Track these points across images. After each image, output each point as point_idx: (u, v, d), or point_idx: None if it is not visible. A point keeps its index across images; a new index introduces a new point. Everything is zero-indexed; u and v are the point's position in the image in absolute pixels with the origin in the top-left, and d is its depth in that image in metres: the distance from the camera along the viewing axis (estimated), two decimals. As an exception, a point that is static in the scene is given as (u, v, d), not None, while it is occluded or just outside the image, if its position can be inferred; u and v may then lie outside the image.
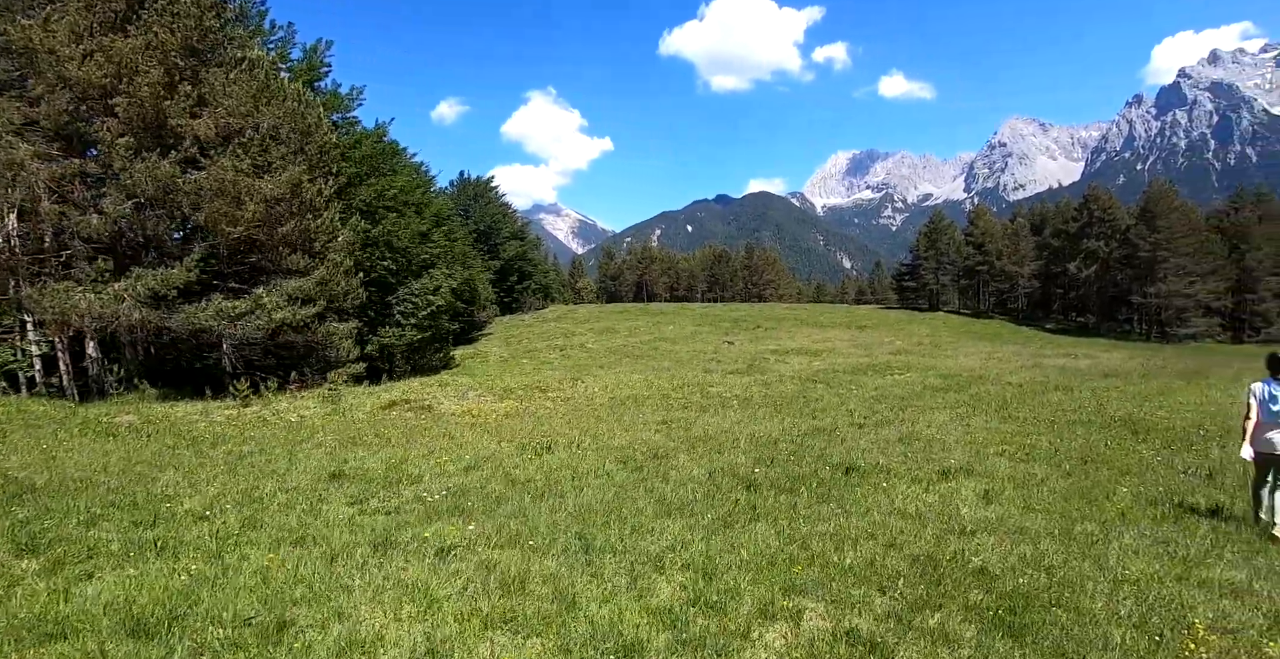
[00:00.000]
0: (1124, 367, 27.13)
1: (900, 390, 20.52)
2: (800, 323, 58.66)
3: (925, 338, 46.67)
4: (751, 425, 13.25)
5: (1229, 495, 7.74)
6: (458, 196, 71.01)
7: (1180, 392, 18.64)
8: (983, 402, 17.71)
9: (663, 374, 25.28)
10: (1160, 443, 11.18)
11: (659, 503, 7.23)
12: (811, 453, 10.04)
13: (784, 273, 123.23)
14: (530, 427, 14.23)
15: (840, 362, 31.22)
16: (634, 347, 43.54)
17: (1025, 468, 9.08)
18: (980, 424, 13.48)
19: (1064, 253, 69.41)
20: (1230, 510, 7.06)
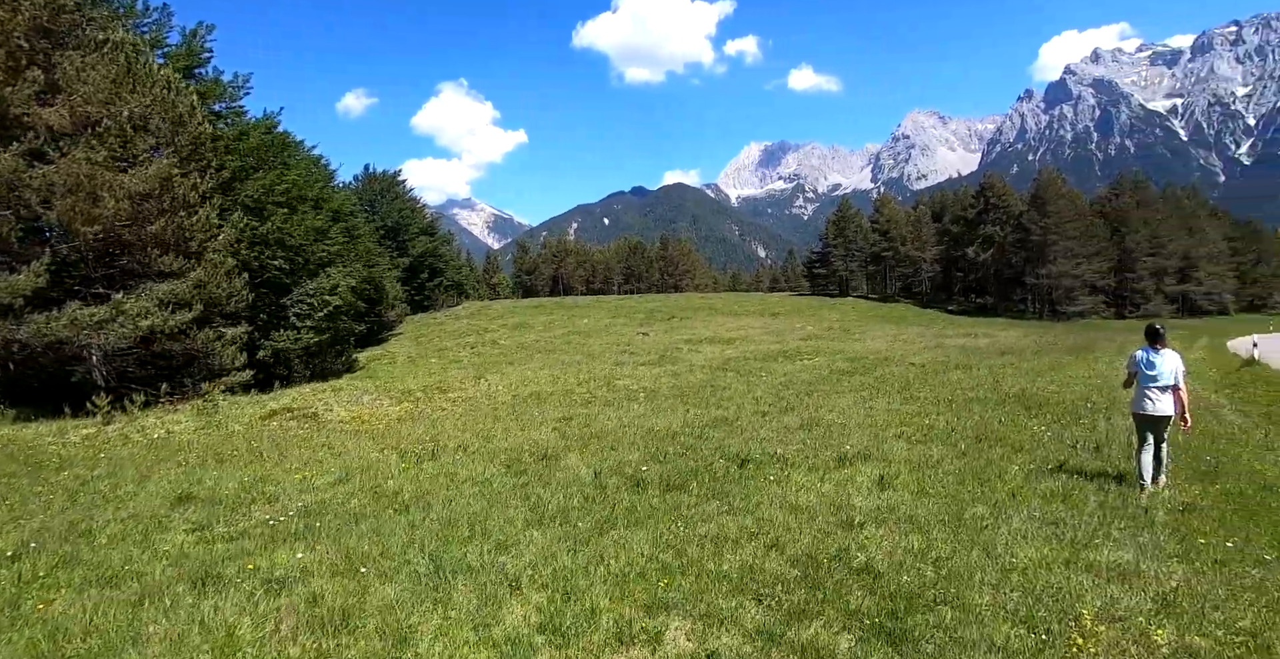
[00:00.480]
0: (1019, 344, 28.17)
1: (808, 375, 20.52)
2: (715, 312, 58.94)
3: (835, 323, 47.58)
4: (653, 419, 12.77)
5: (1115, 467, 7.72)
6: (363, 191, 67.96)
7: (1070, 366, 19.30)
8: (886, 383, 17.83)
9: (571, 368, 24.62)
10: (1051, 417, 11.31)
11: (533, 511, 6.60)
12: (709, 445, 9.61)
13: (699, 263, 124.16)
14: (421, 431, 13.34)
15: (752, 349, 31.27)
16: (547, 341, 42.63)
17: (922, 449, 8.89)
18: (882, 406, 13.43)
19: (963, 238, 72.31)
20: (1116, 483, 6.99)
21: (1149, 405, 6.83)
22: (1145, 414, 6.86)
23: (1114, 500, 6.39)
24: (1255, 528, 5.92)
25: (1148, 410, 6.84)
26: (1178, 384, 6.78)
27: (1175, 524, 5.82)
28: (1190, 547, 5.26)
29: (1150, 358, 6.86)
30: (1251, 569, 4.87)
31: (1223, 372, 23.58)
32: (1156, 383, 6.79)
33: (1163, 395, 6.80)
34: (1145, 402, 6.86)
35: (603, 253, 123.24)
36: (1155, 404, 6.81)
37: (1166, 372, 6.78)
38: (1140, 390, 6.94)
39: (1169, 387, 6.79)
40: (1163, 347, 6.92)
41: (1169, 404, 6.81)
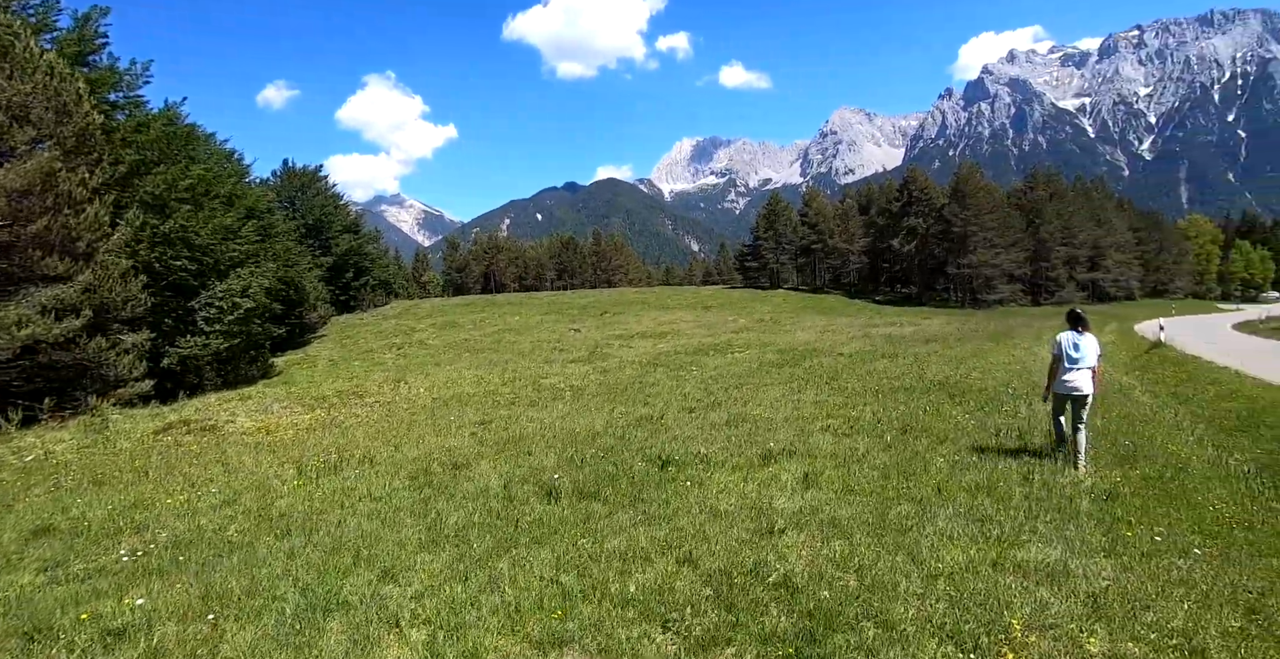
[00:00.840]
0: (943, 332, 28.77)
1: (738, 369, 20.34)
2: (648, 306, 58.72)
3: (767, 315, 47.93)
4: (576, 420, 12.26)
5: (1038, 454, 7.62)
6: (282, 188, 64.82)
7: (991, 352, 19.64)
8: (815, 374, 17.77)
9: (498, 368, 23.87)
10: (974, 404, 11.29)
11: (430, 530, 6.00)
12: (630, 447, 9.16)
13: (633, 257, 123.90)
14: (329, 441, 12.48)
15: (684, 343, 31.06)
16: (476, 340, 41.54)
17: (849, 443, 8.65)
18: (810, 398, 13.25)
19: (888, 230, 73.98)
20: (1041, 472, 6.84)
21: (1072, 384, 7.23)
22: (1068, 394, 7.28)
23: (1039, 491, 6.22)
24: (1177, 514, 5.83)
25: (1069, 389, 7.24)
26: (1097, 366, 7.31)
27: (1100, 514, 5.66)
28: (1117, 539, 5.07)
29: (1075, 341, 7.27)
30: (1178, 560, 4.69)
31: (1132, 354, 24.57)
32: (1079, 364, 7.21)
33: (1084, 374, 7.24)
34: (1069, 381, 7.24)
35: (535, 249, 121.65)
36: (1077, 383, 7.22)
37: (1089, 353, 7.23)
38: (1063, 372, 7.31)
39: (1090, 367, 7.25)
40: (1085, 330, 7.36)
41: (1089, 383, 7.25)
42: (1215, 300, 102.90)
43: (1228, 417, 11.80)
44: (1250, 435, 10.45)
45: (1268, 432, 10.23)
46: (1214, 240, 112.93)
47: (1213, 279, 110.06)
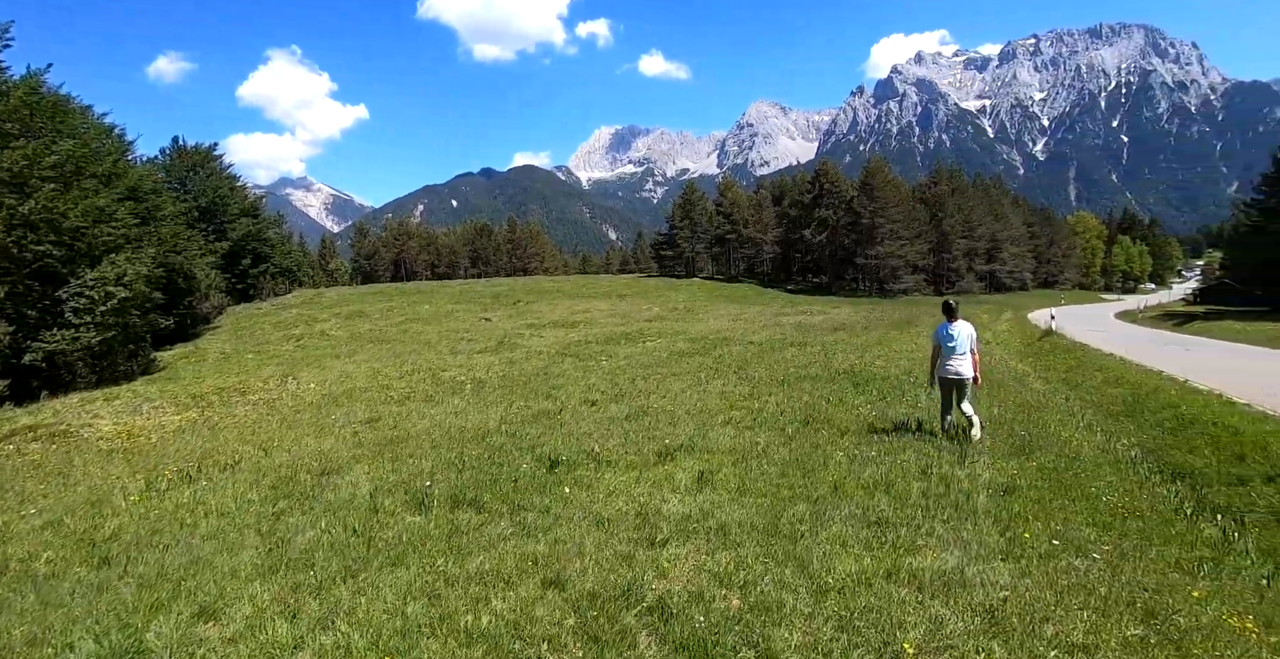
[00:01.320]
0: (850, 320, 29.25)
1: (648, 358, 19.95)
2: (562, 295, 57.85)
3: (681, 303, 47.92)
4: (471, 416, 11.53)
5: (937, 445, 7.44)
6: (171, 168, 60.06)
7: (895, 340, 19.91)
8: (724, 363, 17.55)
9: (399, 360, 22.71)
10: (877, 393, 11.20)
11: (272, 552, 5.23)
12: (522, 445, 8.54)
13: (549, 245, 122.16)
14: (194, 445, 11.32)
15: (596, 332, 30.50)
16: (382, 330, 39.75)
17: (750, 437, 8.29)
18: (717, 388, 12.94)
19: (800, 221, 75.38)
20: (939, 464, 6.64)
21: (951, 369, 7.70)
22: (949, 378, 7.75)
23: (936, 487, 5.96)
24: (1072, 506, 5.69)
25: (950, 374, 7.71)
26: (972, 349, 7.73)
27: (998, 511, 5.43)
28: (1014, 539, 4.82)
29: (949, 330, 7.71)
30: (1076, 561, 4.47)
31: (1026, 342, 25.59)
32: (957, 351, 7.67)
33: (963, 360, 7.69)
34: (948, 366, 7.73)
35: (448, 236, 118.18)
36: (957, 368, 7.69)
37: (963, 340, 7.68)
38: (943, 358, 7.77)
39: (967, 352, 7.69)
40: (957, 319, 7.79)
41: (968, 367, 7.70)
42: (1099, 291, 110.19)
43: (1114, 402, 12.17)
44: (1135, 420, 10.75)
45: (1150, 416, 10.54)
46: (1099, 236, 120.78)
47: (1097, 272, 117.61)
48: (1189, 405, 10.29)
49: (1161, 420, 10.15)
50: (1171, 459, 8.50)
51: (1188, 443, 8.89)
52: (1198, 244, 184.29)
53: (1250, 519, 6.42)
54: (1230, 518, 6.36)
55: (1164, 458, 8.69)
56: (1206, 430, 8.98)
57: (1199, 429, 9.15)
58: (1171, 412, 10.29)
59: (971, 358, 7.72)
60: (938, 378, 7.93)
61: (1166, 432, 9.63)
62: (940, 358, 7.85)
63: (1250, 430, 8.41)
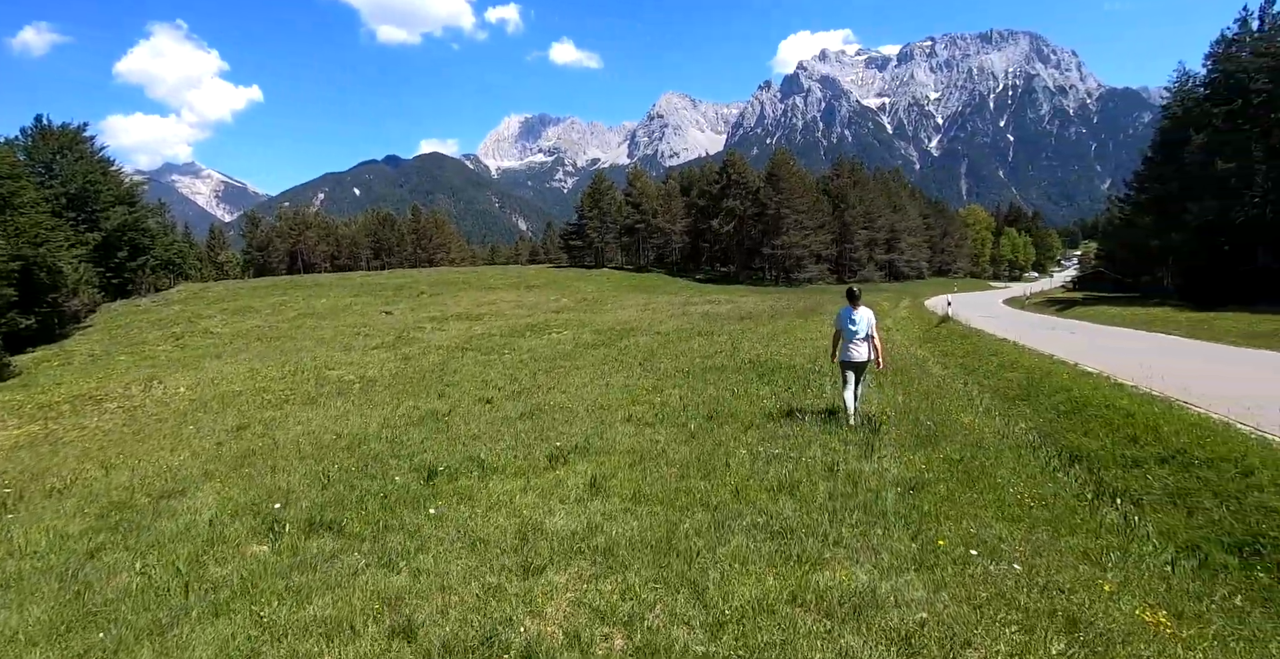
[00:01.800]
0: (757, 309, 29.36)
1: (552, 351, 19.25)
2: (468, 286, 56.15)
3: (590, 294, 47.28)
4: (352, 419, 10.54)
5: (843, 437, 7.10)
6: (34, 150, 54.18)
7: (799, 329, 19.91)
8: (630, 354, 17.05)
9: (282, 359, 21.12)
10: (782, 384, 10.90)
11: (70, 604, 4.28)
12: (401, 453, 7.72)
13: (455, 235, 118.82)
14: (26, 465, 9.86)
15: (500, 324, 29.48)
16: (272, 327, 37.29)
17: (650, 434, 7.75)
18: (620, 381, 12.39)
19: (709, 211, 75.99)
20: (845, 459, 6.27)
21: (853, 353, 7.97)
22: (850, 361, 8.02)
23: (844, 486, 5.56)
24: (981, 499, 5.43)
25: (852, 357, 7.98)
26: (871, 334, 7.94)
27: (907, 511, 5.06)
28: (927, 544, 4.44)
29: (851, 315, 7.92)
30: (992, 566, 4.12)
31: (924, 328, 26.28)
32: (857, 335, 7.90)
33: (862, 344, 7.94)
34: (850, 350, 7.98)
35: (348, 226, 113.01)
36: (857, 352, 7.95)
37: (863, 325, 7.89)
38: (845, 342, 8.01)
39: (867, 337, 7.91)
40: (859, 305, 8.00)
41: (867, 351, 7.98)
42: (989, 279, 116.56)
43: (1011, 386, 12.34)
44: (1031, 404, 10.87)
45: (1046, 400, 10.67)
46: (988, 227, 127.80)
47: (987, 261, 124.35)
48: (1081, 388, 10.45)
49: (1056, 403, 10.27)
50: (1069, 442, 8.53)
51: (1083, 425, 8.96)
52: (1074, 236, 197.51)
53: (1148, 501, 6.40)
54: (1129, 502, 6.36)
55: (1061, 441, 8.72)
56: (1100, 413, 9.07)
57: (1092, 412, 9.24)
58: (1065, 395, 10.42)
59: (871, 342, 7.99)
60: (840, 360, 8.22)
61: (1062, 415, 9.73)
62: (842, 341, 8.11)
63: (1140, 412, 8.51)
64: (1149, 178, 48.85)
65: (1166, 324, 23.87)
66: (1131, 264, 63.89)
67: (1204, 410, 8.65)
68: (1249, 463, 6.41)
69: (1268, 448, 6.74)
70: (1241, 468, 6.40)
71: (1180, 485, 6.63)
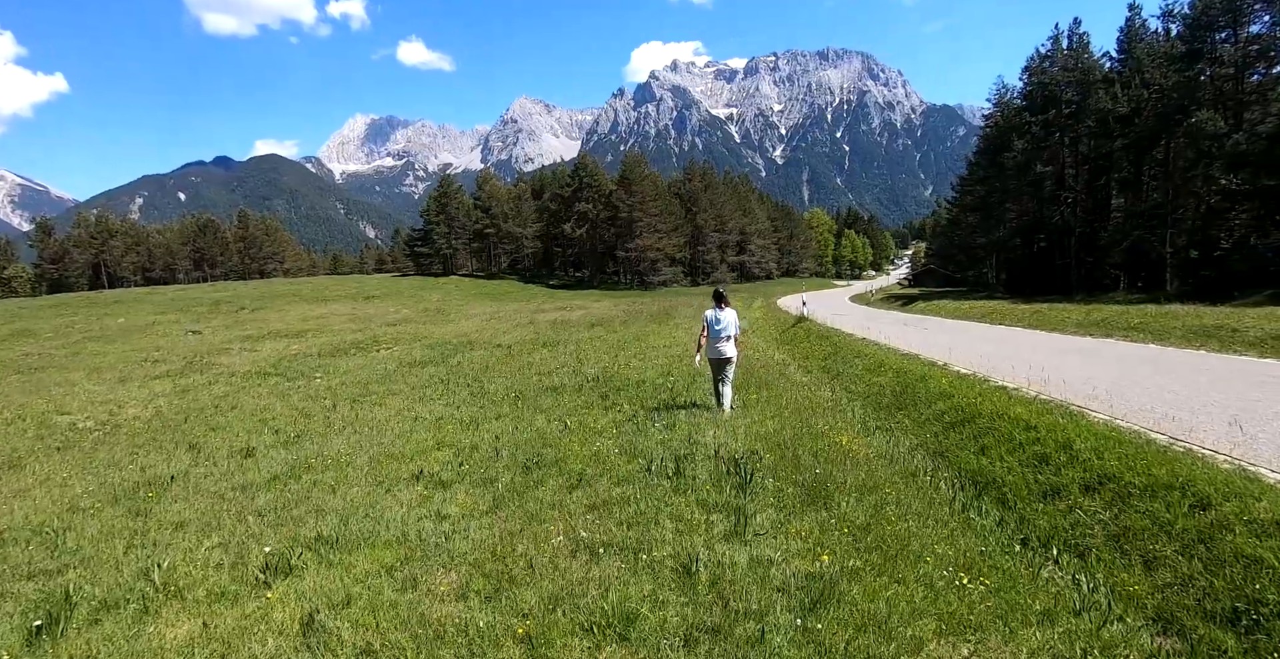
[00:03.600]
0: (609, 315, 27.51)
1: (371, 372, 16.36)
2: (300, 299, 50.83)
3: (437, 303, 43.84)
4: (34, 493, 7.44)
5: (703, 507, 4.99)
6: None
7: (652, 334, 18.22)
8: (460, 373, 14.58)
9: (16, 397, 16.77)
10: (629, 408, 8.96)
11: None
12: (39, 569, 4.96)
13: (290, 243, 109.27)
14: None
15: (324, 342, 25.82)
16: (44, 355, 31.10)
17: (438, 504, 5.48)
18: (434, 412, 9.98)
19: (561, 215, 73.86)
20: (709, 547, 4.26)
21: (720, 351, 8.16)
22: (717, 358, 8.23)
23: (707, 611, 3.47)
24: (907, 594, 3.61)
25: (720, 354, 8.19)
26: (736, 334, 8.23)
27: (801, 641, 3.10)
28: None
29: (717, 315, 8.16)
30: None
31: (780, 329, 25.45)
32: (723, 334, 8.11)
33: (728, 343, 8.17)
34: (717, 348, 8.17)
35: (163, 233, 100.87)
36: (722, 349, 8.16)
37: (728, 325, 8.14)
38: (712, 341, 8.19)
39: (731, 336, 8.16)
40: (725, 306, 8.26)
41: (732, 349, 8.22)
42: (832, 278, 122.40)
43: (882, 393, 11.07)
44: (910, 414, 9.55)
45: (926, 409, 9.36)
46: (830, 230, 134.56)
47: (830, 261, 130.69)
48: (963, 394, 9.20)
49: (939, 413, 8.96)
50: (967, 465, 7.11)
51: (976, 441, 7.61)
52: (905, 237, 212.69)
53: (1091, 549, 4.97)
54: (1069, 551, 5.00)
55: (958, 463, 7.31)
56: (994, 426, 7.74)
57: (984, 423, 7.92)
58: (947, 403, 9.14)
59: (735, 341, 8.27)
60: (707, 358, 8.38)
61: (949, 427, 8.39)
62: (708, 341, 8.26)
63: (1042, 424, 7.21)
64: (974, 181, 51.99)
65: (1006, 316, 24.32)
66: (959, 260, 68.39)
67: (1106, 417, 7.48)
68: (1200, 491, 5.05)
69: (1212, 469, 5.44)
70: (1193, 499, 5.03)
71: (1124, 525, 5.22)
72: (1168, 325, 16.91)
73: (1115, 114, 32.67)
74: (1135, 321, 18.32)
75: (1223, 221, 28.25)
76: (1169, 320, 17.41)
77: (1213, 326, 15.54)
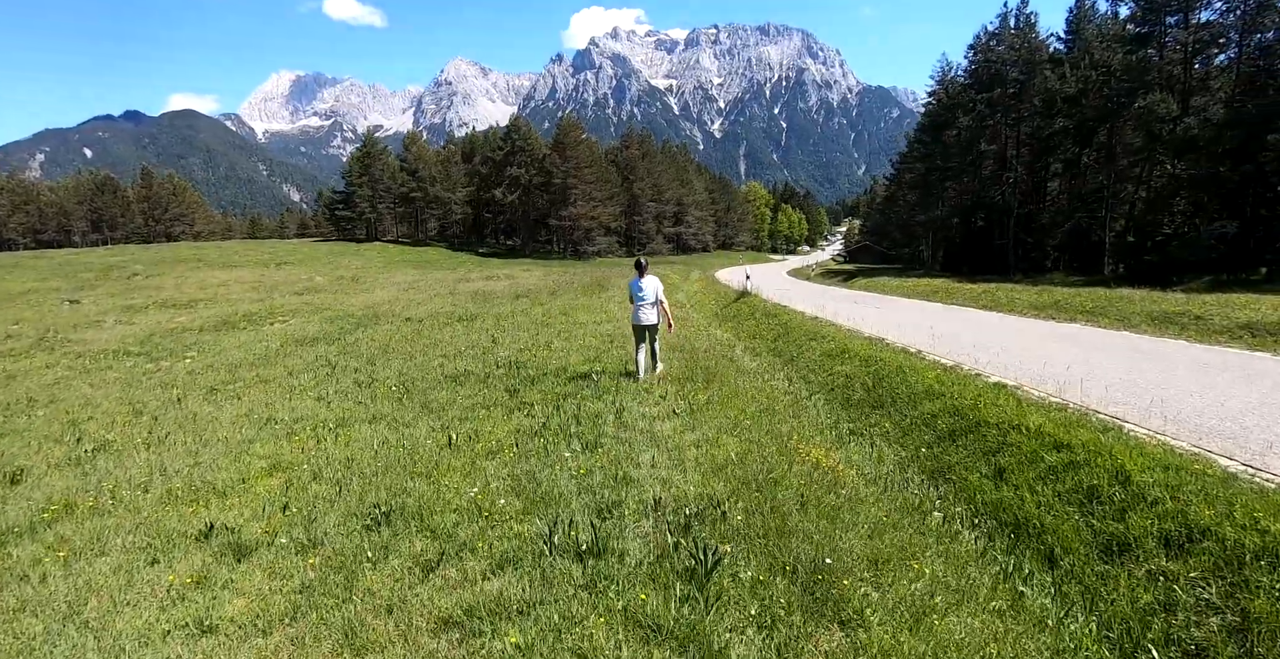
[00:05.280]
0: (538, 285, 25.22)
1: (249, 352, 13.82)
2: (203, 264, 46.49)
3: (354, 271, 40.51)
4: None
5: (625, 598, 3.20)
6: None
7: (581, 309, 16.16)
8: (353, 353, 12.26)
9: None
10: (541, 408, 6.97)
11: None
12: None
13: (201, 204, 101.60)
14: None
15: (215, 313, 22.80)
16: (-125, 320, 26.91)
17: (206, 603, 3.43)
18: (297, 411, 7.78)
19: (492, 179, 70.22)
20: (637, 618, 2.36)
21: (642, 317, 8.31)
22: (640, 324, 8.38)
23: None
24: None
25: (641, 321, 8.34)
26: (660, 300, 8.37)
27: None
28: None
29: (639, 283, 8.32)
30: None
31: (721, 303, 23.70)
32: (645, 301, 8.32)
33: (651, 309, 8.32)
34: (639, 315, 8.33)
35: (56, 191, 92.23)
36: (646, 316, 8.30)
37: (649, 292, 8.30)
38: (635, 307, 8.37)
39: (655, 302, 8.33)
40: (646, 275, 8.34)
41: (655, 315, 8.35)
42: (769, 252, 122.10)
43: (849, 385, 9.38)
44: (889, 415, 7.84)
45: (909, 410, 7.68)
46: (767, 204, 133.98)
47: (766, 235, 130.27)
48: (956, 394, 7.52)
49: (928, 417, 7.27)
50: (984, 496, 5.41)
51: (989, 461, 5.92)
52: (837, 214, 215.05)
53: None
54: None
55: (970, 492, 5.61)
56: (1008, 440, 6.06)
57: (995, 437, 6.24)
58: (937, 404, 7.46)
59: (659, 307, 8.34)
60: (632, 325, 8.50)
61: (944, 438, 6.71)
62: (633, 307, 8.39)
63: (1076, 443, 5.53)
64: (914, 158, 51.28)
65: (955, 295, 23.18)
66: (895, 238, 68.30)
67: (1148, 432, 5.84)
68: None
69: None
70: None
71: (1246, 611, 3.59)
72: (1126, 310, 15.81)
73: (1063, 94, 31.91)
74: (1090, 305, 17.21)
75: (1165, 207, 27.85)
76: (1126, 305, 16.33)
77: (1174, 313, 14.48)
